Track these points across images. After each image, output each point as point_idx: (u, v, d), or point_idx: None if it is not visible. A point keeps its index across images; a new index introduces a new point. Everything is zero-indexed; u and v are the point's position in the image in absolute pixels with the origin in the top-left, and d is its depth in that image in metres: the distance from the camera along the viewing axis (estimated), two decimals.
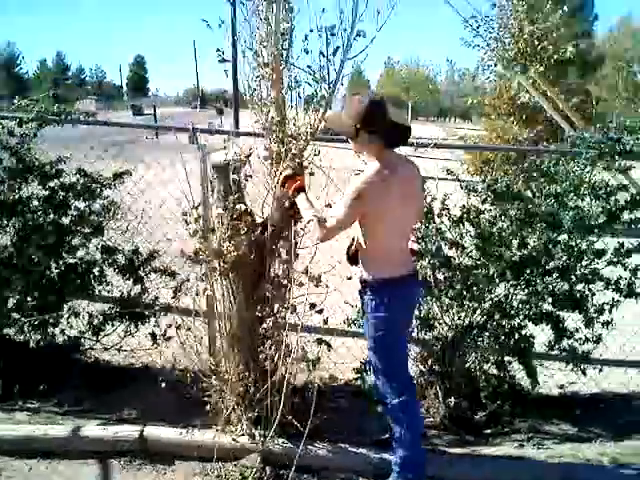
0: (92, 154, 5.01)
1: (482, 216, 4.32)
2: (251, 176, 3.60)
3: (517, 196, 4.27)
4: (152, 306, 4.67)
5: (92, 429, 4.03)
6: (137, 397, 4.55)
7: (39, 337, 4.68)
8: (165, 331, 4.22)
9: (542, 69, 10.04)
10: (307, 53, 3.55)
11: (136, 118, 35.36)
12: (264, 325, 3.75)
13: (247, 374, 3.82)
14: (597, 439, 4.30)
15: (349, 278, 3.81)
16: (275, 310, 3.77)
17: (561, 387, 4.91)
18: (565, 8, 11.40)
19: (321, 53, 3.49)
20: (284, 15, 3.44)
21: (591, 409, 4.74)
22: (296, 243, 3.69)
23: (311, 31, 3.49)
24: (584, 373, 4.59)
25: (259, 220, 3.67)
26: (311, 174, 3.67)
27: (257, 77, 3.55)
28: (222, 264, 3.60)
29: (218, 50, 3.59)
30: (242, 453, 3.82)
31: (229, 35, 3.56)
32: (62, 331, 4.71)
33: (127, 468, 3.84)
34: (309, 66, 3.57)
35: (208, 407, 4.02)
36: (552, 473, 3.84)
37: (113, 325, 4.75)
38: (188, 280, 4.58)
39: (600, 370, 4.71)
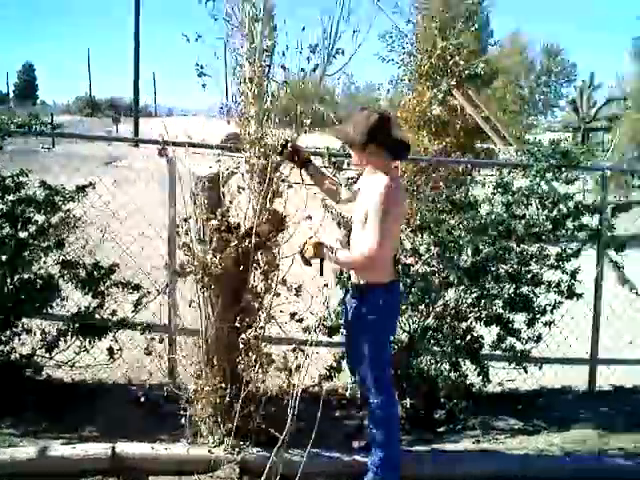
0: None
1: (441, 225, 4.56)
2: (244, 188, 3.65)
3: (473, 206, 4.55)
4: (110, 321, 4.60)
5: (60, 449, 3.87)
6: (96, 414, 4.42)
7: None
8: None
9: (453, 83, 10.55)
10: (284, 70, 3.69)
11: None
12: (243, 335, 3.79)
13: (223, 385, 3.84)
14: (542, 431, 4.63)
15: (326, 285, 3.94)
16: (254, 320, 3.82)
17: (500, 384, 5.24)
18: (476, 25, 12.05)
19: (302, 70, 3.61)
20: (268, 32, 3.53)
21: (532, 404, 5.11)
22: (276, 254, 3.77)
23: (287, 48, 3.64)
24: (525, 370, 4.95)
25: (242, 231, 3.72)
26: (290, 187, 3.77)
27: (241, 93, 3.61)
28: (206, 276, 3.62)
29: (197, 64, 3.63)
30: (218, 464, 3.80)
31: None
32: (13, 349, 4.53)
33: None
34: (285, 81, 3.71)
35: (178, 421, 3.98)
36: (513, 464, 4.10)
37: (66, 342, 4.62)
38: (149, 293, 4.59)
39: (540, 367, 5.07)
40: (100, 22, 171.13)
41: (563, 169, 4.80)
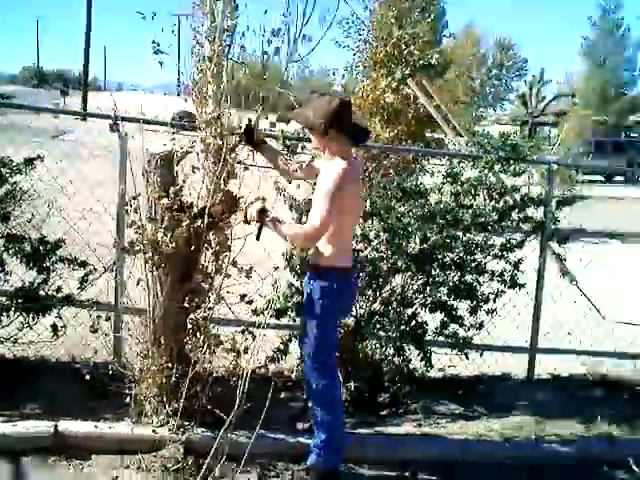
0: None
1: (392, 212, 4.62)
2: (198, 168, 3.63)
3: (423, 194, 4.62)
4: (54, 297, 4.53)
5: (1, 426, 3.82)
6: (39, 391, 4.35)
7: None
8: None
9: (408, 72, 10.63)
10: (243, 50, 3.70)
11: None
12: (192, 316, 3.79)
13: (170, 365, 3.83)
14: (482, 417, 4.76)
15: (276, 268, 3.97)
16: (203, 301, 3.82)
17: (441, 370, 5.35)
18: (432, 16, 12.16)
19: (265, 52, 3.62)
20: (229, 11, 3.51)
21: (472, 390, 5.24)
22: (228, 235, 3.77)
23: (248, 29, 3.66)
24: (467, 357, 5.08)
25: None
26: (246, 169, 3.78)
27: (200, 71, 3.58)
28: (156, 255, 3.60)
29: (154, 42, 3.59)
30: (162, 444, 3.81)
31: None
32: None
33: (41, 465, 3.69)
34: (244, 62, 3.71)
35: (123, 400, 3.99)
36: (454, 448, 4.24)
37: (9, 317, 4.52)
38: (96, 270, 4.54)
39: (481, 354, 5.21)
40: None
41: (512, 162, 4.93)
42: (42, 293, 4.54)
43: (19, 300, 4.50)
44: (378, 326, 4.76)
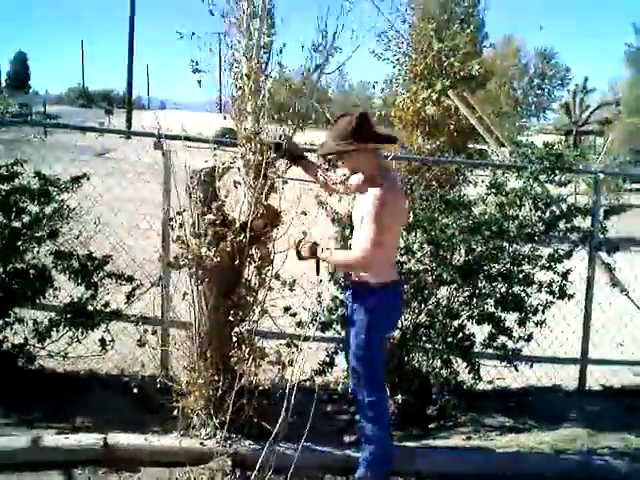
0: None
1: (435, 224, 4.59)
2: (239, 183, 3.66)
3: (467, 206, 4.59)
4: (102, 312, 4.61)
5: (53, 439, 3.89)
6: (88, 405, 4.44)
7: None
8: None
9: (448, 84, 10.63)
10: (282, 67, 3.72)
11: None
12: (236, 329, 3.80)
13: (216, 378, 3.85)
14: (532, 429, 4.67)
15: (321, 281, 3.97)
16: (248, 314, 3.84)
17: (490, 382, 5.28)
18: (472, 27, 12.15)
19: (308, 70, 3.68)
20: (266, 28, 3.55)
21: (522, 402, 5.15)
22: (270, 249, 3.79)
23: (284, 45, 3.71)
24: (516, 369, 4.98)
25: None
26: (285, 182, 3.79)
27: (238, 88, 3.62)
28: (200, 269, 3.63)
29: (192, 61, 3.64)
30: (210, 457, 3.81)
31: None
32: (5, 338, 4.54)
33: (92, 478, 3.71)
34: (285, 79, 3.75)
35: (170, 412, 3.99)
36: (505, 461, 4.14)
37: (58, 332, 4.61)
38: (142, 285, 4.61)
39: (531, 366, 5.12)
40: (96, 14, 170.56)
41: (557, 171, 4.86)
42: (90, 308, 4.63)
43: (68, 315, 4.60)
44: (424, 338, 4.73)
